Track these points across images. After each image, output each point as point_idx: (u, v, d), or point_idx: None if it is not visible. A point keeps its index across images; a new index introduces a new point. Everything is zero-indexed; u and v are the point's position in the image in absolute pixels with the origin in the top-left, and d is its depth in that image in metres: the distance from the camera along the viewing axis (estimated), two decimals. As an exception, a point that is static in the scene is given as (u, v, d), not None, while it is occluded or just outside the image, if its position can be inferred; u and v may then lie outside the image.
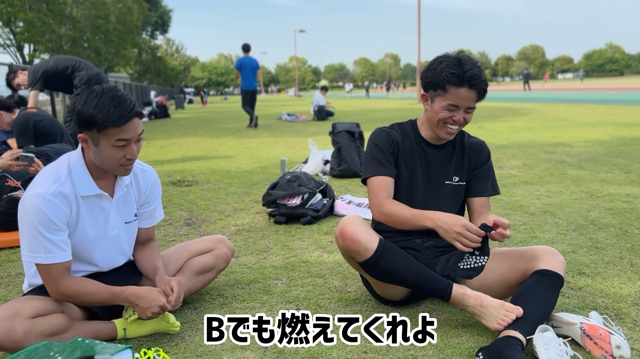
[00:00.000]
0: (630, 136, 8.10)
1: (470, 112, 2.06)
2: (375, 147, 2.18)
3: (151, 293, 1.93)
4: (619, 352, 1.73)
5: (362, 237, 1.98)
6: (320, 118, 14.80)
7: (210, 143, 9.34)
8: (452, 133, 2.10)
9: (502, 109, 17.04)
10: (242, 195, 4.68)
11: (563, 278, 1.95)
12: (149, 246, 2.22)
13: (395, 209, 2.05)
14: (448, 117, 2.05)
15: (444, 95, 2.03)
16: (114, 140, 1.83)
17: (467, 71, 1.97)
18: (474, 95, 2.01)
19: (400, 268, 1.98)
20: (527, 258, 2.02)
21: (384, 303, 2.28)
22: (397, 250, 2.01)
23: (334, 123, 5.91)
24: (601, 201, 3.96)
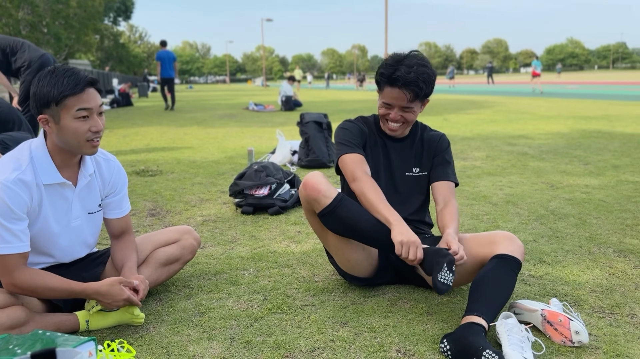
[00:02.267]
0: (589, 129, 8.36)
1: (409, 111, 2.14)
2: (346, 131, 2.25)
3: (113, 289, 1.88)
4: (578, 337, 1.79)
5: (323, 186, 2.04)
6: (288, 109, 14.74)
7: (175, 132, 9.19)
8: (394, 130, 2.19)
9: (466, 102, 17.32)
10: (208, 185, 4.63)
11: (521, 262, 1.98)
12: (123, 240, 2.16)
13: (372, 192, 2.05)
14: (386, 114, 2.16)
15: (381, 93, 2.16)
16: (75, 111, 1.79)
17: (395, 72, 2.06)
18: (404, 95, 2.08)
19: (357, 217, 2.02)
20: (486, 243, 2.05)
21: (350, 281, 2.31)
22: (354, 203, 2.06)
23: (302, 113, 5.89)
24: (561, 192, 4.08)
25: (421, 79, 2.06)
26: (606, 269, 2.51)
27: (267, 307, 2.16)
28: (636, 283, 2.35)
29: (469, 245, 2.10)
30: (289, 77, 16.22)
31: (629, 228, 3.13)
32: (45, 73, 1.81)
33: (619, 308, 2.11)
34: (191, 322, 2.05)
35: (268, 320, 2.05)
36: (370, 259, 2.24)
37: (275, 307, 2.15)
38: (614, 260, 2.63)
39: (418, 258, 1.89)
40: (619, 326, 1.95)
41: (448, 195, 2.20)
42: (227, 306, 2.18)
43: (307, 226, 3.35)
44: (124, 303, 1.90)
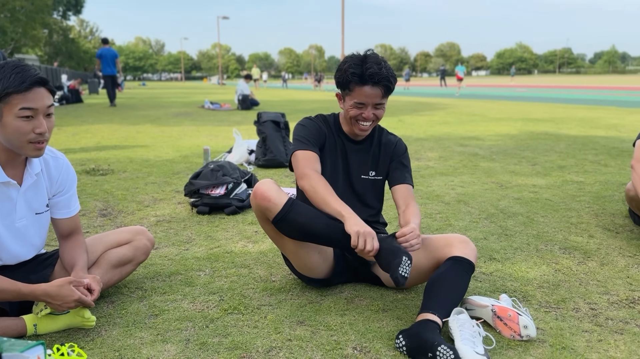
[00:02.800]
0: (537, 131, 8.67)
1: (380, 108, 2.16)
2: (304, 128, 2.24)
3: (63, 290, 1.82)
4: (526, 331, 1.86)
5: (272, 194, 2.03)
6: (245, 108, 14.62)
7: (127, 130, 8.96)
8: (365, 129, 2.20)
9: (420, 104, 17.66)
10: (163, 184, 4.54)
11: (474, 264, 2.06)
12: (72, 240, 2.09)
13: (322, 188, 2.04)
14: (358, 114, 2.15)
15: (350, 94, 2.14)
16: (18, 109, 1.72)
17: (368, 69, 2.06)
18: (378, 92, 2.10)
19: (309, 220, 2.00)
20: (442, 246, 2.11)
21: (307, 283, 2.31)
22: (306, 206, 2.05)
23: (259, 112, 5.86)
24: (510, 192, 4.22)
25: (391, 75, 2.11)
26: (552, 265, 2.62)
27: (224, 308, 2.14)
28: (580, 278, 2.46)
29: (426, 246, 2.15)
30: (245, 75, 16.08)
31: (573, 226, 3.27)
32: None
33: (565, 302, 2.20)
34: (145, 324, 2.01)
35: (224, 321, 2.03)
36: (327, 261, 2.25)
37: (232, 308, 2.14)
38: (559, 256, 2.75)
39: (375, 248, 1.89)
40: (565, 320, 2.04)
41: (408, 198, 2.22)
42: (182, 308, 2.14)
43: (263, 226, 3.33)
44: (75, 305, 1.84)
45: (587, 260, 2.69)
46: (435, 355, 1.66)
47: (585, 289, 2.34)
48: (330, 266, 2.27)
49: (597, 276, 2.48)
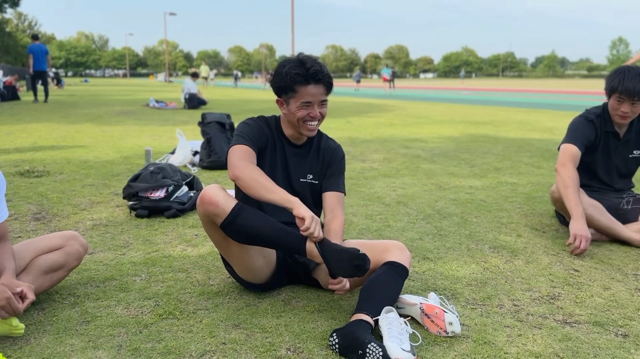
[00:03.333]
0: (476, 133, 9.00)
1: (324, 105, 2.22)
2: (246, 126, 2.25)
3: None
4: (451, 328, 1.95)
5: (220, 199, 2.03)
6: (192, 107, 14.38)
7: (66, 129, 8.65)
8: (313, 129, 2.24)
9: (368, 105, 17.92)
10: (101, 187, 4.43)
11: (408, 269, 2.15)
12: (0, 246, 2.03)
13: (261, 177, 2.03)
14: (306, 114, 2.19)
15: (295, 95, 2.18)
16: None
17: (310, 69, 2.13)
18: (322, 90, 2.18)
19: (257, 224, 2.02)
20: (379, 251, 2.19)
21: (247, 288, 2.33)
22: (254, 209, 2.07)
23: (204, 113, 5.80)
24: (447, 193, 4.38)
25: (329, 73, 2.19)
26: (481, 264, 2.75)
27: (158, 313, 2.13)
28: (506, 276, 2.60)
29: (364, 250, 2.21)
30: (191, 73, 15.79)
31: (503, 226, 3.43)
32: None
33: (490, 299, 2.32)
34: (76, 331, 1.97)
35: (159, 326, 2.02)
36: (270, 266, 2.28)
37: (167, 313, 2.13)
38: (489, 255, 2.89)
39: (320, 236, 1.96)
40: (489, 316, 2.15)
41: (336, 207, 2.30)
42: (115, 314, 2.12)
43: (204, 228, 3.32)
44: (5, 303, 1.79)
45: (514, 259, 2.84)
46: (365, 352, 1.73)
47: (510, 286, 2.47)
48: (272, 271, 2.30)
49: (522, 274, 2.63)
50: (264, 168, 2.28)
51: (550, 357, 1.84)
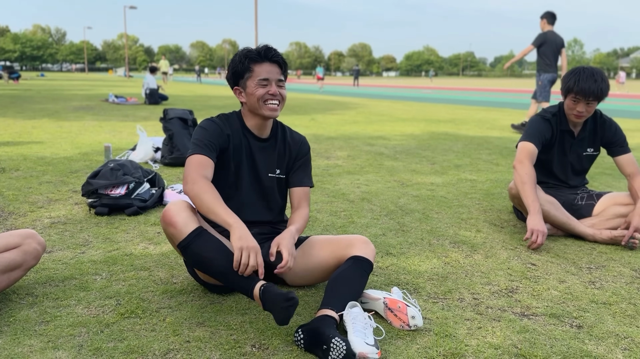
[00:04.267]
0: (437, 131, 9.16)
1: (282, 86, 2.23)
2: (203, 131, 2.20)
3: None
4: (414, 321, 1.99)
5: (179, 219, 2.00)
6: (153, 102, 14.12)
7: (21, 125, 8.36)
8: (275, 110, 2.21)
9: (333, 103, 18.00)
10: (59, 184, 4.31)
11: (372, 263, 2.18)
12: None
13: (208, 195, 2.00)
14: (265, 92, 2.18)
15: (251, 75, 2.19)
16: None
17: (262, 48, 2.20)
18: (277, 69, 2.21)
19: (211, 256, 1.97)
20: (344, 246, 2.21)
21: (211, 290, 2.31)
22: (213, 239, 2.01)
23: (166, 109, 5.71)
24: (410, 189, 4.45)
25: (281, 55, 2.23)
26: (442, 259, 2.81)
27: (120, 312, 2.09)
28: (467, 270, 2.66)
29: (329, 246, 2.24)
30: (150, 67, 15.45)
31: (463, 222, 3.52)
32: None
33: (451, 293, 2.38)
34: (35, 332, 1.92)
35: (120, 325, 1.99)
36: None
37: (129, 312, 2.10)
38: (449, 250, 2.96)
39: (259, 263, 1.89)
40: (450, 310, 2.20)
41: (302, 201, 2.34)
42: (75, 313, 2.07)
43: (167, 226, 3.28)
44: None
45: (474, 253, 2.92)
46: (330, 347, 1.75)
47: (470, 280, 2.54)
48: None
49: (481, 268, 2.70)
50: (228, 167, 2.25)
51: (509, 348, 1.90)
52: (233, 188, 2.29)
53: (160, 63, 28.29)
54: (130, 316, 2.07)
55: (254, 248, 1.90)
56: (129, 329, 1.96)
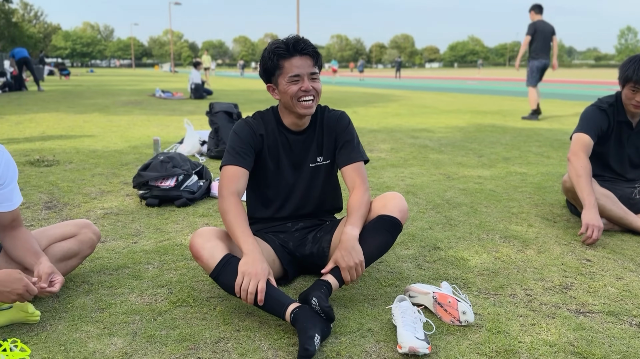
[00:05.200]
0: (484, 123, 8.95)
1: (316, 79, 2.12)
2: (237, 138, 2.17)
3: (11, 275, 1.80)
4: (465, 317, 1.95)
5: (204, 253, 1.97)
6: (198, 97, 14.37)
7: (73, 119, 8.68)
8: (310, 107, 2.12)
9: (374, 95, 17.86)
10: (110, 176, 4.44)
11: (399, 220, 2.12)
12: (20, 231, 2.04)
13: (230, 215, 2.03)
14: (297, 89, 2.08)
15: (282, 72, 2.09)
16: None
17: (290, 41, 2.08)
18: (309, 61, 2.10)
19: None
20: (380, 207, 2.17)
21: None
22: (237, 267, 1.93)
23: (212, 103, 5.80)
24: (456, 183, 4.36)
25: (312, 45, 2.12)
26: (493, 254, 2.75)
27: (172, 301, 2.14)
28: (518, 266, 2.59)
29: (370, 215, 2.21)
30: (194, 62, 15.71)
31: (514, 216, 3.42)
32: None
33: (502, 289, 2.32)
34: (91, 318, 1.99)
35: (172, 314, 2.03)
36: (275, 265, 2.24)
37: (180, 300, 2.14)
38: (500, 245, 2.88)
39: (260, 289, 1.84)
40: (501, 306, 2.15)
41: (356, 179, 2.21)
42: (129, 301, 2.13)
43: (215, 218, 3.33)
44: (23, 291, 1.80)
45: (526, 248, 2.84)
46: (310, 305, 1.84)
47: (522, 276, 2.47)
48: (279, 270, 2.27)
49: (533, 264, 2.62)
50: (267, 166, 2.23)
51: (564, 346, 1.84)
52: (275, 185, 2.27)
53: (202, 59, 28.71)
54: (182, 304, 2.11)
55: (256, 276, 1.85)
56: (180, 318, 2.00)
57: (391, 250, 2.76)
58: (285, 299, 1.89)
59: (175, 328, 1.92)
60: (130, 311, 2.04)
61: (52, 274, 1.91)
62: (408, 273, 2.46)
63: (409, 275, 2.44)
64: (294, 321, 1.82)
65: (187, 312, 2.05)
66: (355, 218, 2.11)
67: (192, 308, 2.08)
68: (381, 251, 2.13)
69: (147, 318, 1.99)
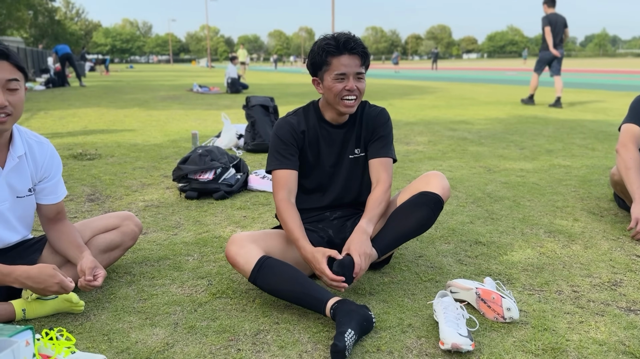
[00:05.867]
0: (525, 114, 8.71)
1: (362, 79, 2.12)
2: (279, 140, 2.20)
3: (44, 271, 1.80)
4: (509, 314, 1.89)
5: (240, 259, 1.98)
6: (234, 91, 14.50)
7: (114, 114, 8.88)
8: (351, 106, 2.13)
9: (411, 87, 17.64)
10: (151, 169, 4.52)
11: (440, 196, 2.16)
12: (64, 224, 2.09)
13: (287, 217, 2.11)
14: (342, 88, 2.09)
15: (329, 69, 2.09)
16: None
17: (341, 39, 2.07)
18: (357, 61, 2.09)
19: (277, 287, 1.94)
20: (422, 185, 2.23)
21: None
22: (276, 268, 1.96)
23: (248, 97, 5.83)
24: (497, 176, 4.26)
25: (362, 44, 2.12)
26: (537, 249, 2.66)
27: (212, 292, 2.15)
28: (564, 261, 2.50)
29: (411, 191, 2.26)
30: (231, 57, 15.87)
31: (559, 210, 3.31)
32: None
33: (548, 285, 2.24)
34: (133, 309, 2.02)
35: (213, 305, 2.05)
36: None
37: (220, 292, 2.16)
38: (544, 240, 2.79)
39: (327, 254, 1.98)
40: (547, 303, 2.08)
41: (380, 174, 2.24)
42: (170, 292, 2.16)
43: (253, 211, 3.34)
44: (58, 288, 1.83)
45: (571, 243, 2.74)
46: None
47: (568, 272, 2.38)
48: None
49: (580, 259, 2.53)
50: (308, 159, 2.25)
51: (615, 345, 1.76)
52: (315, 176, 2.29)
53: (238, 53, 28.90)
54: (222, 296, 2.12)
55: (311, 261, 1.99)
56: (220, 309, 2.01)
57: (431, 244, 2.71)
58: (324, 294, 1.88)
59: (215, 319, 1.93)
60: (171, 302, 2.07)
61: (94, 268, 1.94)
62: (449, 268, 2.41)
63: (449, 270, 2.39)
64: (333, 316, 1.82)
65: (226, 304, 2.06)
66: (371, 215, 2.16)
67: (232, 300, 2.09)
68: (421, 225, 2.16)
69: (187, 309, 2.01)
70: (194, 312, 1.99)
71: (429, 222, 2.18)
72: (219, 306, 2.04)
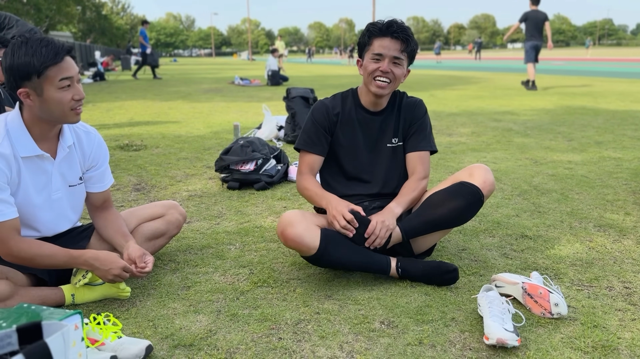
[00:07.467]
0: (573, 105, 8.41)
1: (399, 64, 2.14)
2: (312, 121, 2.27)
3: (111, 255, 1.92)
4: (557, 309, 1.83)
5: (305, 239, 1.99)
6: (275, 83, 14.59)
7: (159, 106, 9.08)
8: (383, 87, 2.15)
9: (453, 77, 17.30)
10: (194, 160, 4.60)
11: (479, 189, 2.11)
12: (110, 212, 2.16)
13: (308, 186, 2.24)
14: (375, 68, 2.13)
15: (369, 49, 2.15)
16: (58, 81, 1.76)
17: (387, 21, 2.13)
18: (397, 45, 2.11)
19: (343, 259, 2.06)
20: (465, 176, 2.20)
21: None
22: (339, 242, 2.05)
23: (288, 88, 5.84)
24: (544, 168, 4.12)
25: (409, 31, 2.15)
26: (586, 243, 2.56)
27: (253, 281, 2.17)
28: (615, 256, 2.40)
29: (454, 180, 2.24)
30: (271, 50, 15.96)
31: (609, 204, 3.18)
32: (18, 44, 1.73)
33: (598, 281, 2.16)
34: (177, 296, 2.06)
35: (254, 293, 2.07)
36: None
37: (262, 281, 2.17)
38: (594, 234, 2.69)
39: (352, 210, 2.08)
40: (597, 299, 2.00)
41: (417, 167, 2.28)
42: (213, 280, 2.19)
43: (293, 201, 3.36)
44: (120, 272, 1.91)
45: (623, 238, 2.63)
46: None
47: (619, 267, 2.29)
48: None
49: (632, 255, 2.42)
50: (340, 145, 2.28)
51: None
52: (350, 161, 2.30)
53: (276, 44, 28.97)
54: (263, 285, 2.14)
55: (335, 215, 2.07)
56: (262, 298, 2.03)
57: (474, 237, 2.65)
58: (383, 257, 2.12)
59: (257, 308, 1.95)
60: (214, 290, 2.10)
61: (143, 255, 1.99)
62: (493, 262, 2.35)
63: (494, 264, 2.34)
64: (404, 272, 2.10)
65: (267, 292, 2.07)
66: (403, 199, 2.21)
67: (273, 289, 2.10)
68: (455, 216, 2.14)
69: (230, 297, 2.04)
70: (236, 300, 2.01)
71: (464, 214, 2.15)
72: (261, 294, 2.06)
